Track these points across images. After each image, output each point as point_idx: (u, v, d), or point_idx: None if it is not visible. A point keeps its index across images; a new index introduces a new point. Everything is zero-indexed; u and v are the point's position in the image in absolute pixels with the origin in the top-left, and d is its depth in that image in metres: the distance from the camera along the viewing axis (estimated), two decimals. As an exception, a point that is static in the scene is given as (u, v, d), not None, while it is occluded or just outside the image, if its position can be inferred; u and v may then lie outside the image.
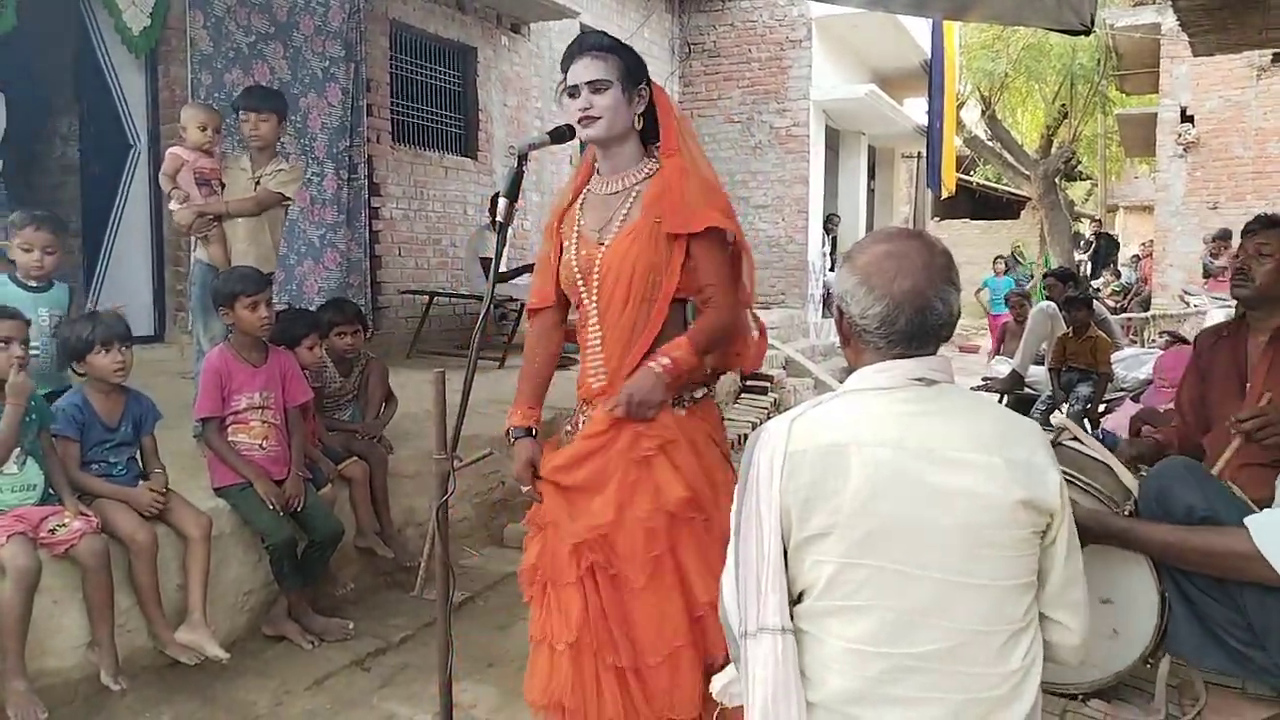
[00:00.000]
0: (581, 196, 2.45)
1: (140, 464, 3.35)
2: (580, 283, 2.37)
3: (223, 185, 4.19)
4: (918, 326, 1.53)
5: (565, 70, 2.34)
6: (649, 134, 2.39)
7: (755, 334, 2.51)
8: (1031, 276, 10.30)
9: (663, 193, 2.30)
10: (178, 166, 4.10)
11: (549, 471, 2.34)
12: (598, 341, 2.36)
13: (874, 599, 1.48)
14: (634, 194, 2.35)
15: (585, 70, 2.28)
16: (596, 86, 2.27)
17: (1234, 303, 3.09)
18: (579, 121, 2.29)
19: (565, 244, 2.42)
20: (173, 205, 4.14)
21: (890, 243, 1.59)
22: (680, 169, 2.32)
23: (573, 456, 2.31)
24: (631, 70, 2.32)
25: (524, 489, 2.42)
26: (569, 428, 2.48)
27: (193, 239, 4.23)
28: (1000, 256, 15.86)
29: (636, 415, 2.23)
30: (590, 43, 2.33)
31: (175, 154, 4.14)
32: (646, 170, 2.36)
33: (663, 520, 2.21)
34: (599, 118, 2.28)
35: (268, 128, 4.23)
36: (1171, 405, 3.59)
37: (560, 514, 2.30)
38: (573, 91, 2.30)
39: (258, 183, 4.18)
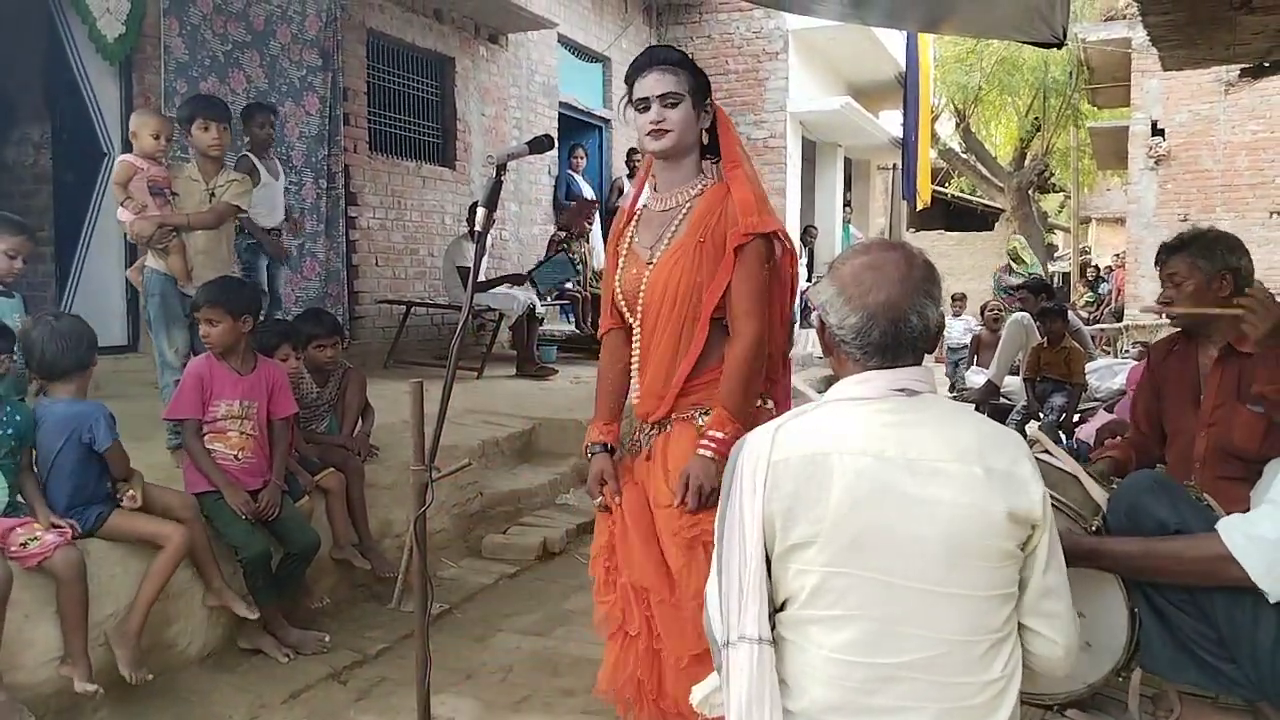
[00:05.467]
0: (638, 214, 2.46)
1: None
2: (624, 303, 2.40)
3: (174, 194, 4.14)
4: (892, 338, 1.55)
5: (631, 84, 2.33)
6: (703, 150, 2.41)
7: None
8: None
9: (715, 205, 2.30)
10: (130, 175, 4.02)
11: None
12: (635, 362, 2.39)
13: (856, 608, 1.49)
14: (685, 210, 2.35)
15: (657, 84, 2.27)
16: (669, 100, 2.27)
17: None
18: (648, 134, 2.28)
19: (619, 263, 2.43)
20: (123, 215, 4.05)
21: (870, 254, 1.61)
22: (743, 179, 2.31)
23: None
24: (700, 86, 2.32)
25: (595, 502, 2.44)
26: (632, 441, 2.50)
27: (140, 247, 4.14)
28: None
29: (709, 503, 2.18)
30: (661, 56, 2.32)
31: (128, 162, 4.05)
32: (700, 186, 2.36)
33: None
34: (670, 130, 2.28)
35: (227, 136, 4.25)
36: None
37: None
38: (642, 105, 2.29)
39: (212, 194, 4.15)
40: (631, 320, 2.39)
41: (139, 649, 3.06)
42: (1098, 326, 12.48)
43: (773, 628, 1.55)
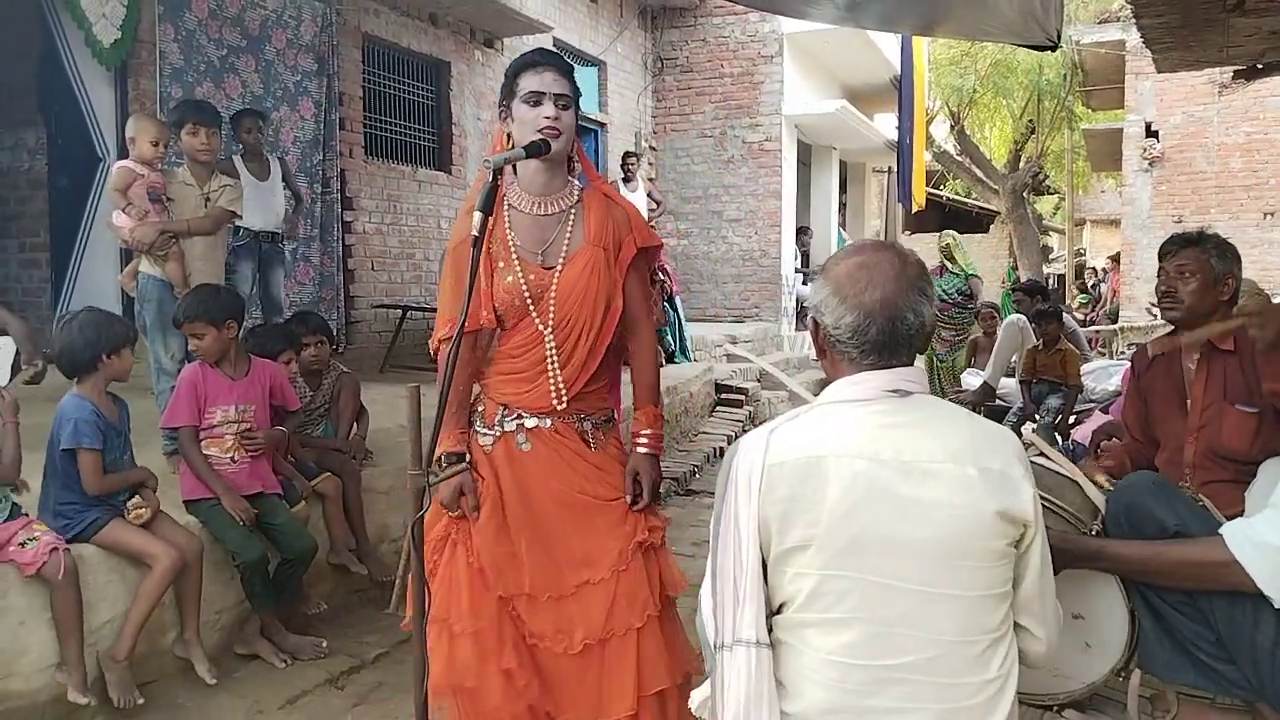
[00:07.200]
0: (505, 217, 2.37)
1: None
2: (532, 306, 2.32)
3: (169, 200, 4.12)
4: (889, 335, 1.55)
5: (518, 75, 2.31)
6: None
7: None
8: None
9: (605, 214, 2.37)
10: (129, 181, 4.00)
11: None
12: (554, 363, 2.33)
13: (854, 611, 1.49)
14: (572, 215, 2.36)
15: (555, 83, 2.28)
16: (563, 103, 2.29)
17: None
18: (544, 130, 2.26)
19: (500, 265, 2.34)
20: (119, 220, 4.02)
21: (862, 254, 1.61)
22: (614, 193, 2.45)
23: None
24: (579, 98, 2.39)
25: (452, 514, 2.34)
26: (520, 438, 2.40)
27: (135, 253, 4.12)
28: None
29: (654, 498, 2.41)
30: (556, 60, 2.34)
31: (127, 169, 4.03)
32: (576, 193, 2.39)
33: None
34: (563, 133, 2.28)
35: (217, 141, 4.24)
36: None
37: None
38: (535, 99, 2.27)
39: (207, 199, 4.14)
40: (540, 325, 2.32)
41: (128, 673, 3.05)
42: (1093, 328, 12.51)
43: (769, 631, 1.55)
